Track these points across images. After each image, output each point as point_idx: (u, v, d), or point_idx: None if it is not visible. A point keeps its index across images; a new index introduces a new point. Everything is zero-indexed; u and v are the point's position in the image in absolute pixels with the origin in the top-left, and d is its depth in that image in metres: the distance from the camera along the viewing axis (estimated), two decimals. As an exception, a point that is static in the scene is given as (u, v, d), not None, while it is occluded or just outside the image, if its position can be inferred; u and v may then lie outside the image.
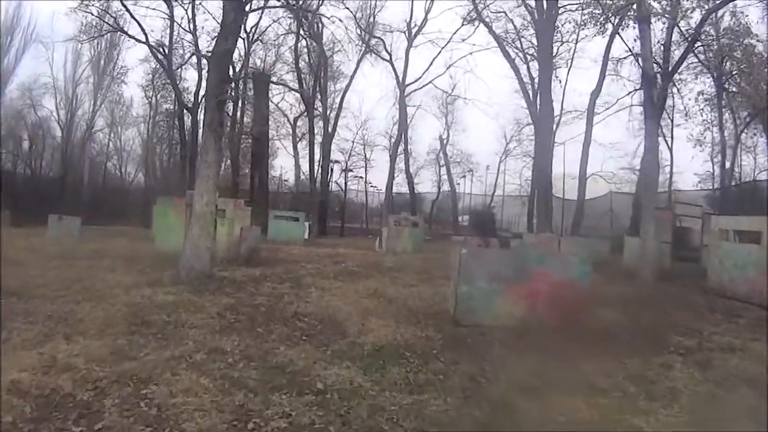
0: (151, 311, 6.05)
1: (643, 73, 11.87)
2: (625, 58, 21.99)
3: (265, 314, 6.26)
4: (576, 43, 24.95)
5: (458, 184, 35.58)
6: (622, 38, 20.08)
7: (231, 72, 9.11)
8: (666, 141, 24.35)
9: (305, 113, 29.33)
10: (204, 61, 20.24)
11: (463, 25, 26.72)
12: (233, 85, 26.59)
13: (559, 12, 23.37)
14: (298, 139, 34.23)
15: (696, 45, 18.56)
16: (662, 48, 19.50)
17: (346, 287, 8.37)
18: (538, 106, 23.78)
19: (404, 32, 26.49)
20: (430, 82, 27.61)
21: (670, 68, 18.85)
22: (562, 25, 23.56)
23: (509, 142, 33.97)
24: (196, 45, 24.21)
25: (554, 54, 24.61)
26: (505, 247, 10.99)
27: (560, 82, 25.85)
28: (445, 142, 34.45)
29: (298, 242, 18.63)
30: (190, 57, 24.92)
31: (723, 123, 23.09)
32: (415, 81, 26.86)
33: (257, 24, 27.12)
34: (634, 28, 18.81)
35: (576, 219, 23.57)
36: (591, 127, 23.68)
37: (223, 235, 11.08)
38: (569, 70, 25.84)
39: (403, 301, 7.30)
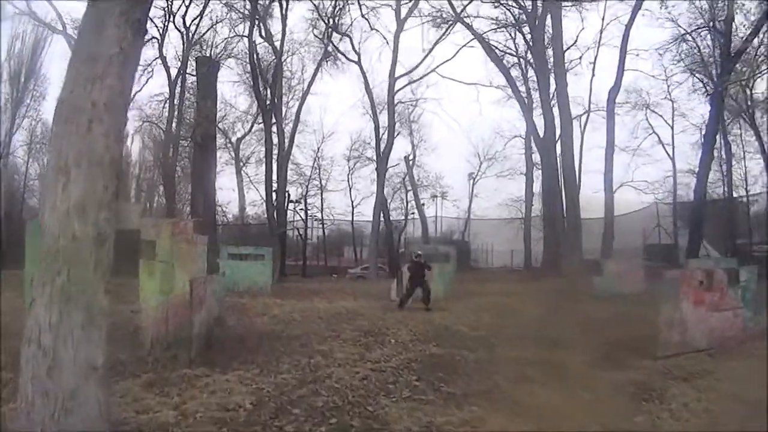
0: None
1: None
2: (685, 34, 18.62)
3: None
4: (601, 32, 21.34)
5: (424, 204, 30.38)
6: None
7: None
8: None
9: (260, 126, 23.42)
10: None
11: (447, 29, 22.45)
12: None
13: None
14: (242, 163, 28.17)
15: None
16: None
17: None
18: (544, 113, 19.77)
19: (393, 8, 21.23)
20: (433, 70, 22.48)
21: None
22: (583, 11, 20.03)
23: (483, 161, 29.69)
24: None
25: (571, 45, 20.83)
26: (734, 283, 6.14)
27: (592, 69, 22.08)
28: (411, 163, 29.49)
29: (265, 290, 12.69)
30: None
31: None
32: (410, 71, 21.52)
33: (200, 16, 21.40)
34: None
35: (606, 239, 19.10)
36: (613, 131, 19.62)
37: (153, 296, 5.20)
38: (595, 60, 21.98)
39: None
